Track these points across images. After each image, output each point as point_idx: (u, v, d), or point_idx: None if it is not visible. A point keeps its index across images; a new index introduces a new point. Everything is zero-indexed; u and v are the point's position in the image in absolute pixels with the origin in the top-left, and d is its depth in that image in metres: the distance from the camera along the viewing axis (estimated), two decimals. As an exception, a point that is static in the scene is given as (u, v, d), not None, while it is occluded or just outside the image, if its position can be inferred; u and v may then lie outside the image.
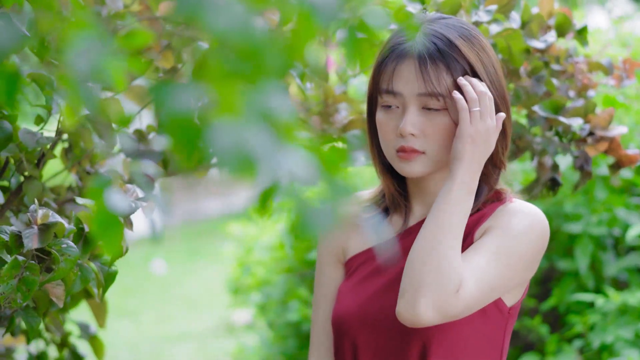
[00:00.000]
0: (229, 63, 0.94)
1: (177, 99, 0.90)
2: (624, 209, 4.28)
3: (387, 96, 2.18)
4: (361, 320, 2.23)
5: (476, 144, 2.12)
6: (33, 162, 2.42)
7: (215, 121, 0.89)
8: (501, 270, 2.12)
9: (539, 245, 2.19)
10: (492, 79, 2.19)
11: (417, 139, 2.15)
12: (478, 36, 2.21)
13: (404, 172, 2.19)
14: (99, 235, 1.22)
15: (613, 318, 4.01)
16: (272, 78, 0.90)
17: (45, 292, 2.23)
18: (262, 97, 0.91)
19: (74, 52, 0.89)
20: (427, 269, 2.07)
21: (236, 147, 0.88)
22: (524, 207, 2.20)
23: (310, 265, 5.50)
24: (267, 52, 0.88)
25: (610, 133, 2.73)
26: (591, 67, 2.82)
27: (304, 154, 0.93)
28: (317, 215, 0.94)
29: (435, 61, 2.13)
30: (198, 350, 7.26)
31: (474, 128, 2.11)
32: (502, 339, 2.22)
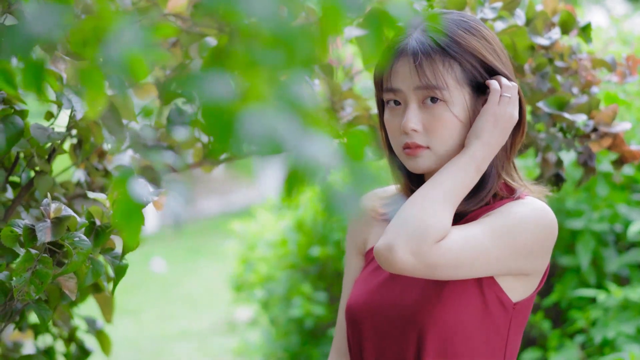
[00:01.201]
0: (255, 53, 0.97)
1: (212, 87, 0.92)
2: (626, 205, 4.30)
3: (388, 94, 2.22)
4: (366, 309, 2.27)
5: (497, 126, 2.15)
6: (44, 157, 2.44)
7: (245, 109, 0.91)
8: (494, 244, 2.12)
9: (542, 236, 2.17)
10: (503, 62, 2.22)
11: (419, 135, 2.17)
12: (478, 27, 2.22)
13: (412, 168, 2.22)
14: (120, 223, 1.24)
15: (615, 313, 4.03)
16: (299, 67, 0.93)
17: (56, 286, 2.25)
18: (290, 85, 0.94)
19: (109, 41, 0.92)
20: (411, 215, 2.08)
21: (266, 133, 0.91)
22: (532, 202, 2.20)
23: (313, 261, 5.53)
24: (298, 41, 0.91)
25: (614, 129, 2.75)
26: (595, 63, 2.84)
27: (329, 141, 0.96)
28: (343, 200, 0.96)
29: (429, 55, 2.15)
30: (200, 348, 7.28)
31: (501, 110, 2.15)
32: (506, 334, 2.22)
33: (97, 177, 2.76)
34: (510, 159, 2.28)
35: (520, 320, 2.24)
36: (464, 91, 2.17)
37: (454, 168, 2.14)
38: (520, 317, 2.23)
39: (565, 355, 4.12)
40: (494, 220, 2.14)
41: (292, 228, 5.66)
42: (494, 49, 2.21)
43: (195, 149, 2.77)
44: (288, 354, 5.57)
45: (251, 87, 0.93)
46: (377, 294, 2.27)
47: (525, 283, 2.22)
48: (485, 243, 2.11)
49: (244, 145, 0.97)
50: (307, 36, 0.91)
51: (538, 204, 2.20)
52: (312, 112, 0.95)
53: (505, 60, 2.24)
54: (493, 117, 2.15)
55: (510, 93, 2.16)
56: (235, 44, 1.01)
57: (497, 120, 2.15)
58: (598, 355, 4.05)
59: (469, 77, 2.17)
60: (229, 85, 0.92)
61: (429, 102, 2.16)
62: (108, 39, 0.94)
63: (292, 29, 0.90)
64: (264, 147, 0.90)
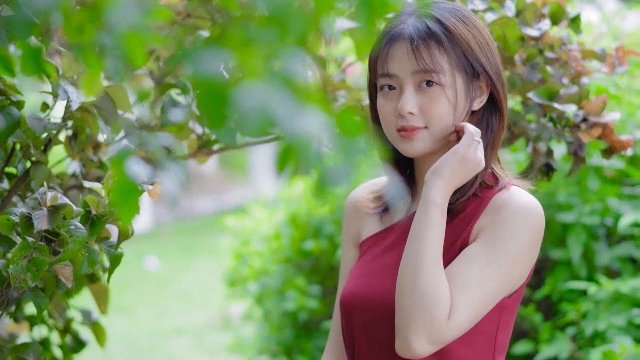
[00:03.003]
0: (250, 31, 1.00)
1: (206, 63, 0.95)
2: (616, 198, 4.32)
3: (383, 79, 2.25)
4: (358, 300, 2.30)
5: (461, 167, 2.16)
6: (40, 147, 2.47)
7: (239, 85, 0.94)
8: (496, 279, 2.14)
9: (533, 238, 2.19)
10: (488, 57, 2.25)
11: (416, 117, 2.21)
12: (471, 17, 2.26)
13: (407, 151, 2.24)
14: (117, 201, 1.27)
15: (605, 306, 4.04)
16: (293, 44, 0.96)
17: (53, 274, 2.27)
18: (283, 62, 0.96)
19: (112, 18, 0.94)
20: (415, 304, 2.10)
21: (259, 108, 0.93)
22: (518, 198, 2.21)
23: (307, 255, 5.55)
24: (291, 19, 0.93)
25: (604, 119, 2.77)
26: (585, 54, 2.86)
27: (322, 116, 0.99)
28: (334, 173, 0.99)
29: (426, 40, 2.19)
30: (194, 344, 7.30)
31: (471, 153, 2.16)
32: (495, 331, 2.24)
33: (92, 168, 2.78)
34: (496, 150, 2.30)
35: (509, 314, 2.25)
36: (457, 76, 2.21)
37: (426, 230, 2.14)
38: (509, 310, 2.25)
39: (556, 347, 4.13)
40: (485, 253, 2.15)
41: (286, 222, 5.68)
42: (484, 40, 2.25)
43: (189, 140, 2.79)
44: (282, 348, 5.59)
45: (246, 65, 0.96)
46: (369, 285, 2.30)
47: (516, 282, 2.23)
48: (488, 285, 2.13)
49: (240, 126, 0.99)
50: (301, 14, 0.94)
51: (523, 202, 2.21)
52: (305, 89, 0.98)
53: (492, 54, 2.26)
54: (462, 159, 2.16)
55: (479, 139, 2.18)
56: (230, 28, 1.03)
57: (465, 163, 2.16)
58: (589, 347, 4.07)
59: (462, 63, 2.21)
60: (225, 61, 0.95)
61: (424, 86, 2.20)
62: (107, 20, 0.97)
63: (287, 7, 0.93)
64: (258, 125, 0.92)
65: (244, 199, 12.13)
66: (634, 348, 3.49)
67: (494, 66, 2.26)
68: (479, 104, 2.27)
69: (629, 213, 4.17)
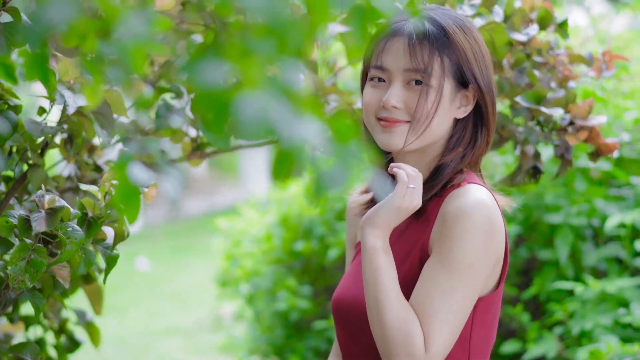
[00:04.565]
0: (248, 42, 1.04)
1: (207, 74, 1.00)
2: (603, 200, 4.37)
3: (375, 71, 2.28)
4: (342, 302, 2.35)
5: (397, 216, 2.17)
6: (37, 150, 2.50)
7: (239, 94, 0.99)
8: (461, 292, 2.14)
9: (483, 237, 2.16)
10: (481, 69, 2.27)
11: (399, 112, 2.23)
12: (472, 28, 2.30)
13: (384, 143, 2.26)
14: (120, 203, 1.31)
15: (592, 306, 4.09)
16: (290, 56, 1.01)
17: (50, 275, 2.31)
18: (282, 72, 1.01)
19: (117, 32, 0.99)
20: (390, 343, 2.13)
21: (259, 116, 0.98)
22: (461, 201, 2.19)
23: (297, 256, 5.60)
24: (289, 31, 0.98)
25: (590, 122, 2.80)
26: (572, 59, 2.90)
27: (319, 124, 1.03)
28: (329, 178, 1.04)
29: (424, 40, 2.22)
30: (186, 344, 7.33)
31: (406, 202, 2.16)
32: (468, 334, 2.24)
33: (87, 171, 2.81)
34: (477, 163, 2.34)
35: (483, 314, 2.26)
36: (446, 81, 2.23)
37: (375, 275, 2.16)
38: (485, 312, 2.26)
39: (543, 346, 4.18)
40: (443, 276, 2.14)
41: (277, 223, 5.73)
42: (480, 52, 2.28)
43: (183, 143, 2.83)
44: (273, 348, 5.63)
45: (245, 75, 1.01)
46: (352, 288, 2.34)
47: (487, 279, 2.24)
48: (456, 305, 2.13)
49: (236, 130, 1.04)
50: (297, 27, 0.99)
51: (467, 199, 2.19)
52: (302, 97, 1.03)
53: (486, 67, 2.28)
54: (397, 210, 2.17)
55: (415, 183, 2.17)
56: (224, 37, 1.08)
57: (400, 213, 2.17)
58: (576, 347, 4.12)
59: (452, 70, 2.24)
60: (225, 72, 1.00)
61: (412, 84, 2.23)
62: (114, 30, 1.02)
63: (284, 20, 0.97)
64: (257, 132, 0.97)
65: (234, 200, 12.16)
66: (620, 347, 3.53)
67: (486, 79, 2.28)
68: (463, 113, 2.28)
69: (615, 214, 4.22)
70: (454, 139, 2.29)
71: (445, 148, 2.29)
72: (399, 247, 2.27)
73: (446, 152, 2.29)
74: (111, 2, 1.05)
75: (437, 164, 2.29)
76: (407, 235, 2.27)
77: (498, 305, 2.30)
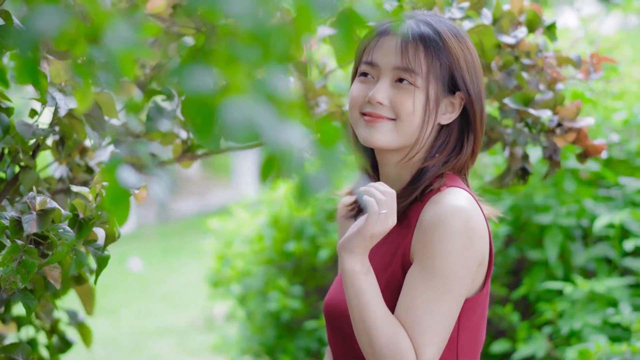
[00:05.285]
0: (234, 49, 1.07)
1: (194, 79, 1.02)
2: (592, 200, 4.40)
3: (365, 66, 2.30)
4: (330, 307, 2.38)
5: (372, 241, 2.18)
6: (29, 152, 2.52)
7: (225, 100, 1.01)
8: (445, 300, 2.15)
9: (464, 241, 2.17)
10: (472, 77, 2.28)
11: (384, 108, 2.25)
12: (466, 37, 2.32)
13: (366, 138, 2.27)
14: (110, 206, 1.33)
15: (581, 305, 4.12)
16: (275, 62, 1.03)
17: (41, 276, 2.33)
18: (266, 79, 1.04)
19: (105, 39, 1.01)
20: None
21: (245, 123, 1.01)
22: (440, 208, 2.20)
23: (289, 256, 5.62)
24: (272, 38, 1.01)
25: (578, 124, 2.81)
26: (560, 61, 2.91)
27: (303, 129, 1.06)
28: (314, 181, 1.06)
29: (417, 41, 2.24)
30: (178, 344, 7.34)
31: (378, 229, 2.17)
32: (455, 335, 2.25)
33: (79, 172, 2.83)
34: (464, 173, 2.34)
35: (471, 317, 2.27)
36: (432, 84, 2.24)
37: (359, 297, 2.18)
38: (471, 313, 2.27)
39: (533, 346, 4.21)
40: (427, 287, 2.15)
41: (268, 224, 5.75)
42: (473, 62, 2.29)
43: (174, 145, 2.84)
44: (264, 348, 5.65)
45: (231, 81, 1.03)
46: (339, 294, 2.36)
47: (472, 281, 2.25)
48: (443, 314, 2.15)
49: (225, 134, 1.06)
50: (282, 34, 1.01)
51: (445, 206, 2.20)
52: (287, 103, 1.05)
53: (477, 77, 2.30)
54: (370, 237, 2.18)
55: (387, 206, 2.17)
56: (213, 42, 1.10)
57: (374, 238, 2.18)
58: (565, 346, 4.14)
59: (441, 75, 2.25)
60: (211, 78, 1.02)
61: (400, 83, 2.24)
62: (102, 37, 1.04)
63: (268, 28, 1.00)
64: (243, 136, 0.99)
65: (226, 201, 12.17)
66: (609, 347, 3.56)
67: (477, 88, 2.29)
68: (447, 120, 2.29)
69: (604, 214, 4.24)
70: (437, 145, 2.30)
71: (428, 153, 2.30)
72: (382, 252, 2.29)
73: (429, 157, 2.29)
74: (101, 8, 1.07)
75: (419, 168, 2.30)
76: (390, 241, 2.28)
77: (485, 305, 2.31)
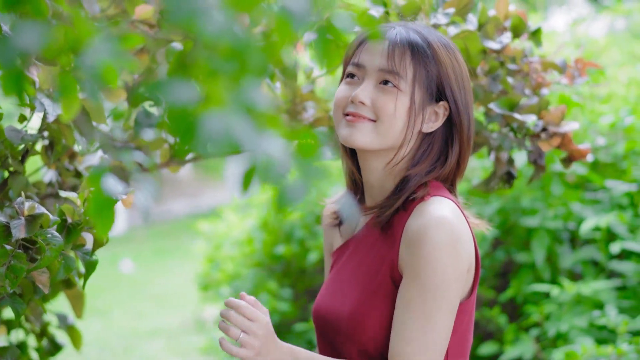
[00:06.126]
0: (213, 62, 1.09)
1: (175, 92, 1.05)
2: (579, 203, 4.43)
3: (352, 67, 2.32)
4: (319, 313, 2.40)
5: (262, 354, 2.20)
6: (18, 158, 2.53)
7: (205, 112, 1.04)
8: (437, 311, 2.16)
9: (450, 250, 2.17)
10: (460, 89, 2.29)
11: (366, 108, 2.25)
12: (455, 50, 2.33)
13: (346, 138, 2.27)
14: (93, 216, 1.35)
15: (568, 308, 4.15)
16: (253, 76, 1.05)
17: (30, 281, 2.34)
18: (245, 91, 1.06)
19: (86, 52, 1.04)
20: None
21: (223, 134, 1.03)
22: (425, 219, 2.19)
23: (278, 259, 5.64)
24: (249, 53, 1.03)
25: (562, 129, 2.83)
26: (545, 66, 2.93)
27: (281, 140, 1.08)
28: (291, 191, 1.09)
29: (404, 46, 2.25)
30: (168, 346, 7.35)
31: (252, 354, 2.19)
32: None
33: (68, 177, 2.84)
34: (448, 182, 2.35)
35: (461, 322, 2.29)
36: (417, 90, 2.25)
37: None
38: (460, 319, 2.28)
39: (520, 348, 4.24)
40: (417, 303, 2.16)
41: (258, 227, 5.77)
42: (461, 73, 2.30)
43: (162, 150, 2.86)
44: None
45: (211, 93, 1.05)
46: (331, 298, 2.38)
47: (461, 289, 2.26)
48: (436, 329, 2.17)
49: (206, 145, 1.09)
50: (259, 49, 1.04)
51: (430, 216, 2.20)
52: (266, 115, 1.07)
53: (464, 88, 2.30)
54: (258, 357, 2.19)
55: (244, 325, 2.18)
56: (198, 52, 1.13)
57: (259, 353, 2.18)
58: (552, 348, 4.17)
59: (427, 82, 2.26)
60: (192, 91, 1.04)
61: (385, 85, 2.25)
62: (83, 50, 1.06)
63: (246, 42, 1.02)
64: (223, 147, 1.02)
65: (218, 202, 12.18)
66: (595, 348, 3.59)
67: (464, 100, 2.30)
68: (430, 128, 2.29)
69: (591, 217, 4.27)
70: (419, 153, 2.30)
71: (412, 161, 2.31)
72: (370, 259, 2.30)
73: (411, 166, 2.30)
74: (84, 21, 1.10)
75: (402, 177, 2.31)
76: (376, 249, 2.30)
77: (472, 310, 2.33)
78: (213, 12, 1.06)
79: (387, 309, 2.23)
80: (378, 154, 2.30)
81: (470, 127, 2.32)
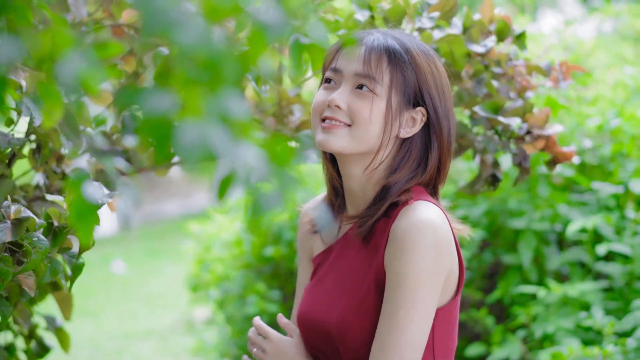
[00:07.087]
0: (191, 72, 1.11)
1: (151, 101, 1.06)
2: (566, 205, 4.45)
3: (329, 72, 2.33)
4: (304, 320, 2.41)
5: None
6: (4, 161, 2.54)
7: (180, 121, 1.06)
8: (417, 316, 2.17)
9: (432, 254, 2.17)
10: (440, 95, 2.30)
11: (342, 113, 2.26)
12: (435, 57, 2.33)
13: (322, 143, 2.28)
14: (75, 222, 1.37)
15: (554, 309, 4.16)
16: (229, 85, 1.07)
17: (16, 284, 2.35)
18: (221, 101, 1.08)
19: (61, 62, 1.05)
20: None
21: (199, 143, 1.05)
22: (408, 222, 2.20)
23: (267, 261, 5.65)
24: (225, 62, 1.05)
25: (547, 131, 2.85)
26: (530, 69, 2.95)
27: (257, 150, 1.10)
28: (267, 200, 1.11)
29: (381, 52, 2.27)
30: (159, 346, 7.36)
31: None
32: (432, 341, 2.28)
33: (55, 180, 2.85)
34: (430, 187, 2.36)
35: (446, 323, 2.31)
36: (394, 95, 2.26)
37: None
38: (445, 321, 2.30)
39: (507, 349, 4.25)
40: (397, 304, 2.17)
41: (247, 229, 5.78)
42: (441, 81, 2.31)
43: (149, 153, 2.86)
44: (243, 351, 5.68)
45: (188, 102, 1.07)
46: (317, 305, 2.39)
47: (443, 291, 2.28)
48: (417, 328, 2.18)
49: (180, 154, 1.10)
50: (234, 58, 1.05)
51: (414, 219, 2.21)
52: (241, 124, 1.09)
53: (444, 96, 2.31)
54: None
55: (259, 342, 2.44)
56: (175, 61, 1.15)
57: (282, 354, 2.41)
58: (538, 349, 4.19)
59: (404, 87, 2.27)
60: (170, 99, 1.06)
61: (361, 90, 2.26)
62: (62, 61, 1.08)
63: (221, 52, 1.04)
64: (197, 156, 1.04)
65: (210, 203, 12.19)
66: (582, 350, 3.61)
67: (443, 107, 2.31)
68: (407, 134, 2.30)
69: (577, 219, 4.29)
70: (398, 159, 2.31)
71: (390, 168, 2.31)
72: (356, 266, 2.32)
73: (390, 173, 2.31)
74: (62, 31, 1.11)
75: (383, 185, 2.31)
76: (361, 260, 2.31)
77: (456, 312, 2.34)
78: (189, 23, 1.08)
79: (374, 315, 2.24)
80: (356, 159, 2.31)
81: (451, 133, 2.33)
